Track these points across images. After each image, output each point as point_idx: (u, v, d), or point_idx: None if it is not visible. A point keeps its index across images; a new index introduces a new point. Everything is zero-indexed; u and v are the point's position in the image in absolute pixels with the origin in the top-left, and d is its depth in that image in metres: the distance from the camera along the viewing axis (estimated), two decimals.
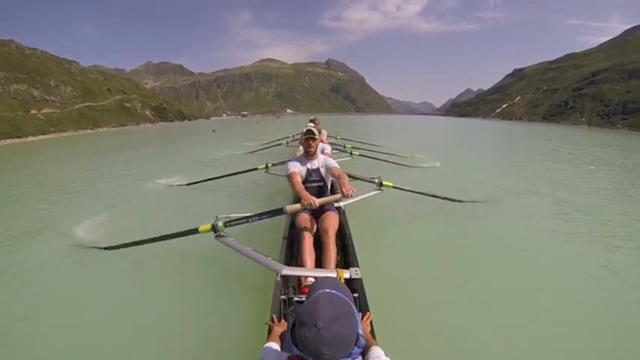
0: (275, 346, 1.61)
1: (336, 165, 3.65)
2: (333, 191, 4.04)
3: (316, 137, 3.54)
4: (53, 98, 53.32)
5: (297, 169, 3.56)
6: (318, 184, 3.64)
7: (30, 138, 40.32)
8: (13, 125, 40.41)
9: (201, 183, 7.83)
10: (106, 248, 4.60)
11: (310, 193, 3.30)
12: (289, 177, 3.50)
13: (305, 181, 3.57)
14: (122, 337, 3.14)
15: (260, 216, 3.36)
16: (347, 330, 1.12)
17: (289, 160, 3.78)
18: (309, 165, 3.62)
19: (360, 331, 1.18)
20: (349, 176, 4.41)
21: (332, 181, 3.86)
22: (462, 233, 5.39)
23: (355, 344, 1.15)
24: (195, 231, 3.55)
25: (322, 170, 3.64)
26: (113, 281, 4.08)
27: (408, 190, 5.49)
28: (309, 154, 3.62)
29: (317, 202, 3.10)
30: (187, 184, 8.05)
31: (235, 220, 3.42)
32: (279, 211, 3.29)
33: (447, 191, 6.25)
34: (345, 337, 1.11)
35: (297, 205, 3.21)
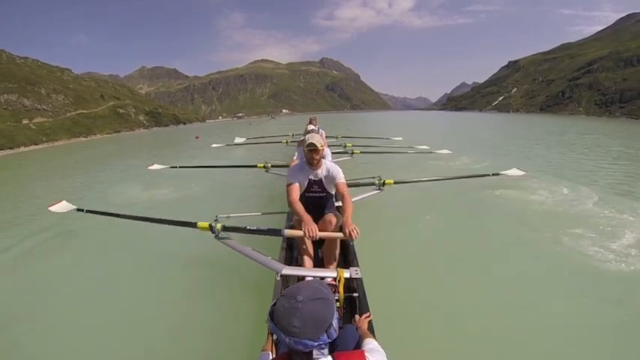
0: (270, 355, 1.62)
1: (342, 180, 3.40)
2: (336, 199, 3.87)
3: (319, 149, 3.30)
4: (45, 107, 52.54)
5: (297, 181, 3.38)
6: (319, 194, 3.48)
7: (22, 149, 39.58)
8: (4, 136, 39.59)
9: (204, 168, 8.28)
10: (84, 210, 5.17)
11: (310, 203, 3.34)
12: (288, 192, 3.34)
13: (306, 191, 3.45)
14: (121, 337, 3.15)
15: (257, 232, 3.27)
16: (323, 313, 1.15)
17: (290, 169, 3.66)
18: (311, 176, 3.43)
19: (335, 324, 1.19)
20: (349, 181, 4.37)
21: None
22: (463, 232, 5.38)
23: (326, 332, 1.15)
24: (194, 225, 3.52)
25: (325, 181, 3.45)
26: (112, 280, 4.11)
27: (410, 182, 5.52)
28: (312, 165, 3.42)
29: (318, 235, 2.91)
30: (183, 167, 8.52)
31: (233, 226, 3.40)
32: (277, 232, 3.11)
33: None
34: (319, 319, 1.14)
35: (299, 232, 2.97)
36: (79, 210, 5.34)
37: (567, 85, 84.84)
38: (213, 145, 13.61)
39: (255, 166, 7.28)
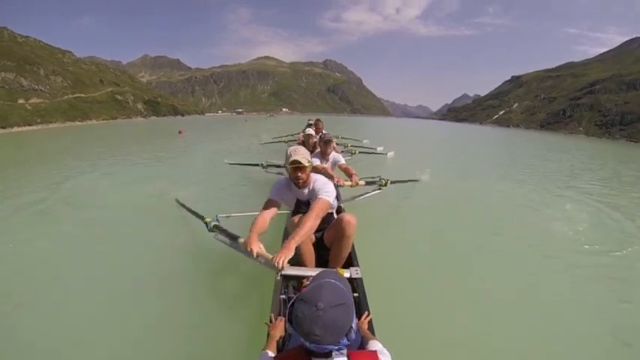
0: (271, 354, 1.62)
1: (325, 196, 2.84)
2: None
3: (305, 166, 2.82)
4: (42, 88, 51.61)
5: (280, 199, 3.04)
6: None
7: (15, 129, 38.77)
8: None
9: (240, 166, 8.75)
10: None
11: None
12: (264, 206, 2.95)
13: (295, 211, 3.08)
14: (120, 335, 3.05)
15: (237, 243, 3.02)
16: (343, 319, 1.16)
17: (276, 183, 3.15)
18: (298, 195, 3.04)
19: (354, 326, 1.22)
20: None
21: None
22: (464, 232, 5.46)
23: (346, 336, 1.19)
24: (202, 217, 3.68)
25: (312, 201, 2.97)
26: (111, 278, 4.01)
27: (407, 181, 5.79)
28: (298, 186, 2.96)
29: (255, 253, 2.56)
30: (230, 164, 9.09)
31: (223, 231, 3.34)
32: (249, 254, 2.75)
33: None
34: (340, 325, 1.15)
35: (268, 256, 2.61)
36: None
37: (569, 104, 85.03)
38: (263, 142, 14.70)
39: (257, 165, 7.65)
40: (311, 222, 2.59)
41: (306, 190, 2.97)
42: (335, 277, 1.29)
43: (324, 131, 7.16)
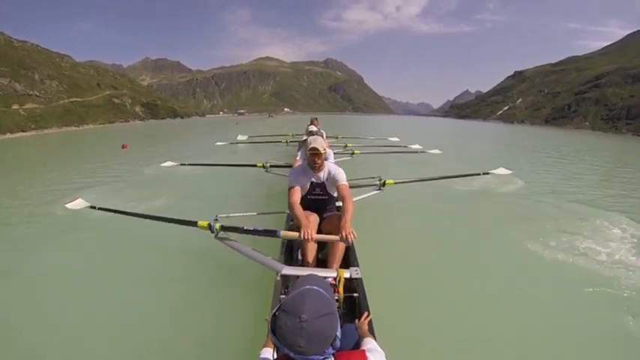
0: (271, 352, 1.61)
1: (345, 182, 3.37)
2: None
3: (322, 153, 3.27)
4: (37, 93, 50.86)
5: (299, 184, 3.34)
6: (322, 197, 3.49)
7: (8, 135, 38.05)
8: None
9: (202, 167, 8.08)
10: (97, 208, 4.77)
11: (312, 205, 3.41)
12: (289, 194, 3.29)
13: (308, 193, 3.43)
14: (121, 336, 3.10)
15: (254, 232, 3.23)
16: (328, 329, 1.13)
17: (292, 170, 3.65)
18: (313, 178, 3.42)
19: (339, 334, 1.19)
20: (350, 181, 4.17)
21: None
22: (463, 233, 5.44)
23: (331, 344, 1.16)
24: (194, 224, 3.44)
25: (327, 184, 3.44)
26: (112, 278, 4.05)
27: (411, 181, 5.46)
28: (313, 169, 3.39)
29: (316, 238, 2.92)
30: (185, 165, 8.02)
31: (231, 226, 3.38)
32: (273, 233, 3.11)
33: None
34: (325, 336, 1.13)
35: (295, 234, 2.97)
36: (92, 207, 5.10)
37: (574, 99, 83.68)
38: (218, 143, 13.33)
39: (255, 165, 7.22)
40: (351, 204, 3.04)
41: (320, 174, 3.37)
42: (317, 283, 1.23)
43: (318, 127, 7.70)
